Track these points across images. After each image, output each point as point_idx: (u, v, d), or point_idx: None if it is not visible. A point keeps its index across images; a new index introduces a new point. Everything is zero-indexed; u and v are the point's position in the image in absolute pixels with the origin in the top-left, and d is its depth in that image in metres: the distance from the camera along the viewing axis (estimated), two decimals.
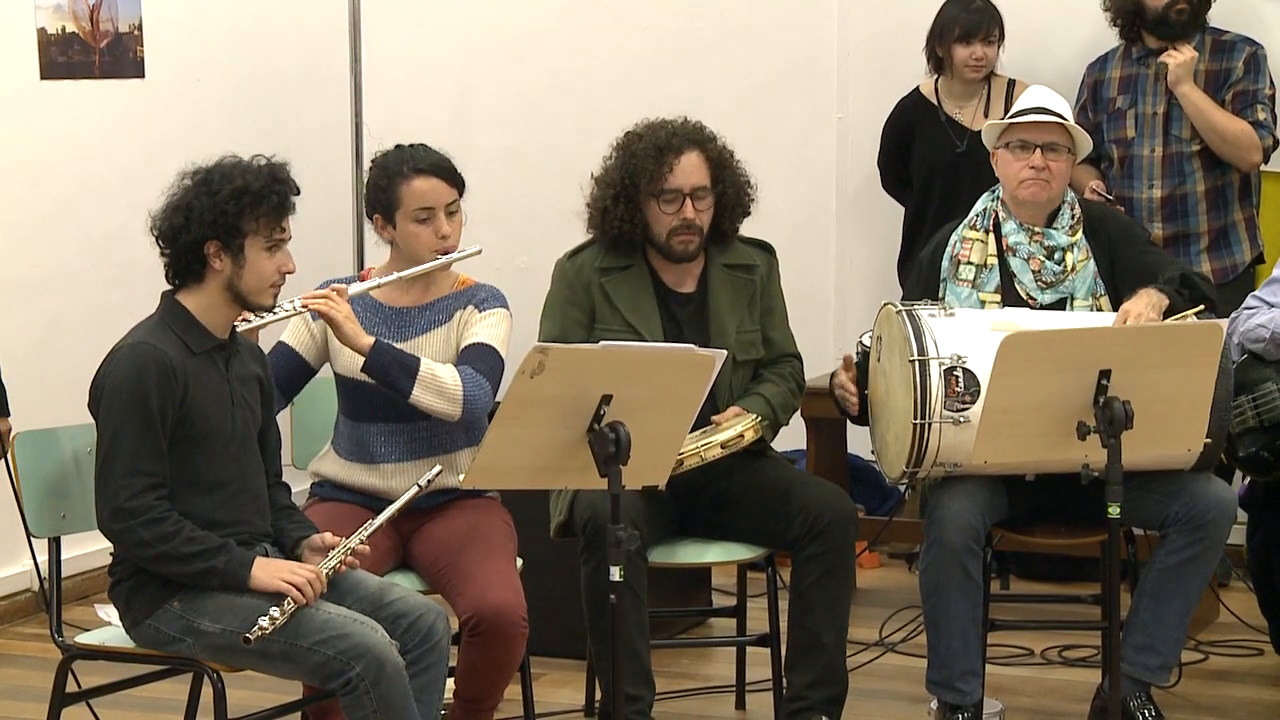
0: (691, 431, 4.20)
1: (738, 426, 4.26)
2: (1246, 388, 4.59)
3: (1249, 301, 4.74)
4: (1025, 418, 3.81)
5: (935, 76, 5.90)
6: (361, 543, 3.78)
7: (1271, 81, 5.54)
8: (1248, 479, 4.88)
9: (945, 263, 4.58)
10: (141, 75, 5.90)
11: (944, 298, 4.53)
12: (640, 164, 4.36)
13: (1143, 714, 4.37)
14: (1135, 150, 5.59)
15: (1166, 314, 4.33)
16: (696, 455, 4.19)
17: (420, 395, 4.04)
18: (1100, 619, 4.40)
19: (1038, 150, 4.47)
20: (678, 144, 4.37)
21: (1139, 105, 5.59)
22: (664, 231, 4.39)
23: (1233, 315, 4.71)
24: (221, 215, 3.65)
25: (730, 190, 4.40)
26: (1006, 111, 5.69)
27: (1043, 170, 4.46)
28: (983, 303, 4.51)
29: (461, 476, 3.82)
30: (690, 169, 4.36)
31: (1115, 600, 4.00)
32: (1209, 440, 4.05)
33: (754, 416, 4.31)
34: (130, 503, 3.61)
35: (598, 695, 4.45)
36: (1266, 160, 5.55)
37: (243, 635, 3.59)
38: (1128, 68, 5.63)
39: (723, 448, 4.22)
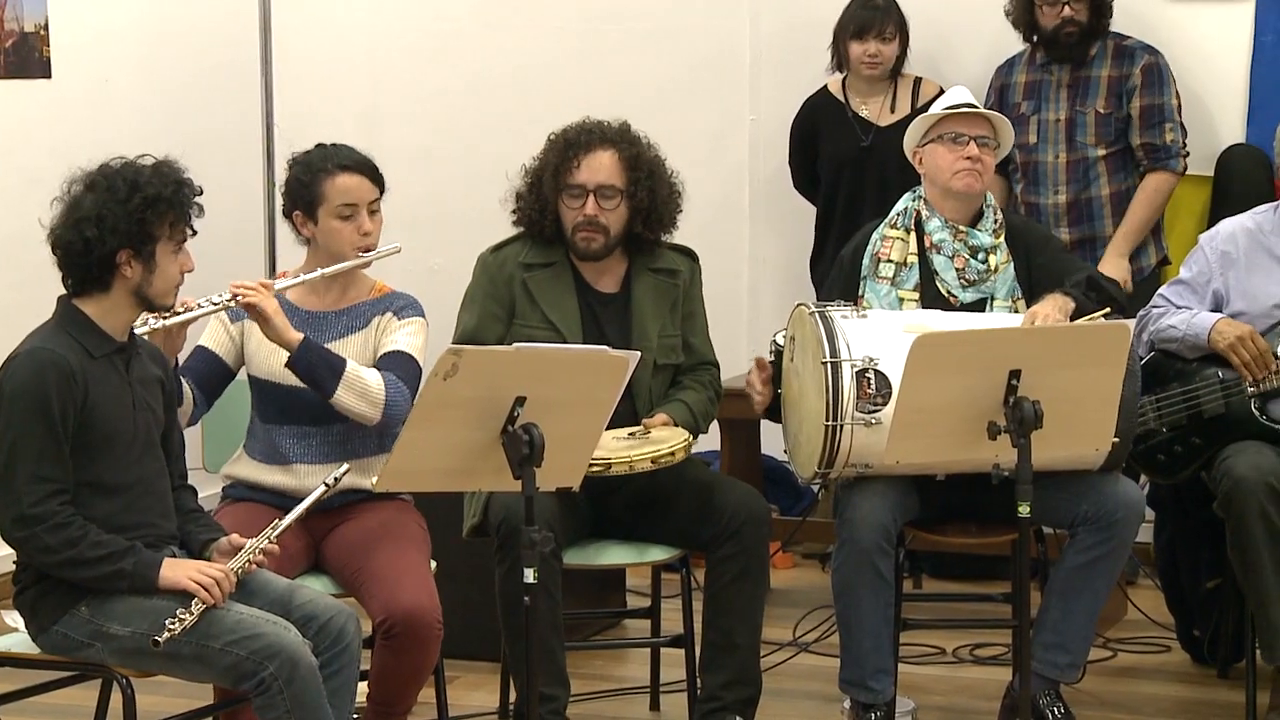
0: (618, 429, 4.21)
1: (671, 444, 4.25)
2: (1151, 389, 4.65)
3: (1156, 300, 4.80)
4: (937, 418, 3.83)
5: (841, 74, 5.93)
6: (270, 542, 3.75)
7: (1176, 91, 5.60)
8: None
9: (866, 260, 4.61)
10: (48, 75, 5.83)
11: (864, 295, 4.56)
12: (549, 158, 4.40)
13: (1052, 711, 4.41)
14: (1039, 156, 5.65)
15: (1074, 316, 4.38)
16: (626, 464, 4.18)
17: (343, 396, 4.03)
18: (1011, 617, 4.43)
19: (971, 141, 4.51)
20: (589, 141, 4.39)
21: (1042, 112, 5.64)
22: (569, 226, 4.40)
23: (1140, 313, 4.77)
24: (137, 224, 3.61)
25: (645, 195, 4.40)
26: (913, 109, 5.75)
27: (976, 162, 4.51)
28: (901, 300, 4.54)
29: (375, 479, 3.80)
30: (598, 167, 4.37)
31: (1025, 599, 4.04)
32: (1117, 440, 4.10)
33: (685, 435, 4.32)
34: (33, 509, 3.56)
35: (513, 697, 4.44)
36: (1184, 171, 5.62)
37: (151, 638, 3.56)
38: (1033, 73, 5.68)
39: (654, 463, 4.21)
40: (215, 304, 3.93)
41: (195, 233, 3.72)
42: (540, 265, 4.44)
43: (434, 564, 4.16)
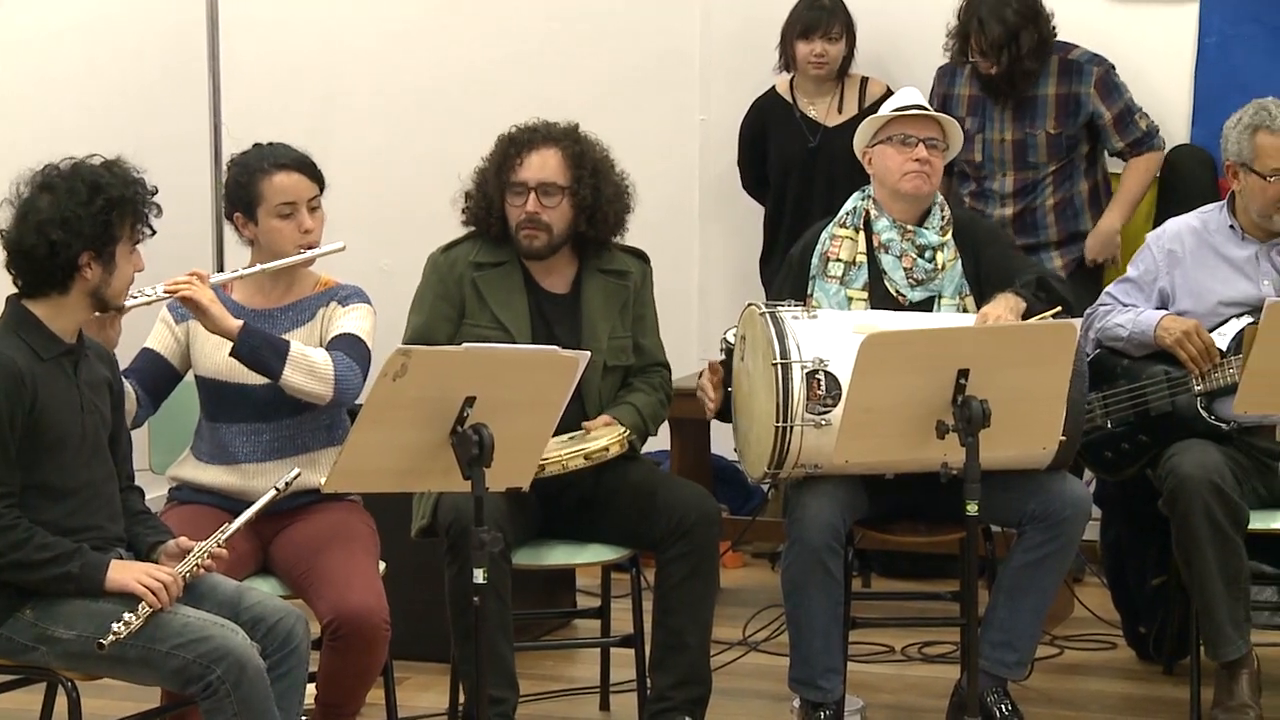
0: (562, 434, 4.21)
1: (604, 439, 4.26)
2: (1098, 386, 4.68)
3: (1103, 299, 4.83)
4: (885, 417, 3.85)
5: (788, 74, 5.95)
6: (219, 546, 3.74)
7: (1124, 84, 5.64)
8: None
9: (815, 260, 4.62)
10: None
11: (813, 295, 4.57)
12: (495, 157, 4.42)
13: (999, 709, 4.43)
14: (986, 177, 5.67)
15: (1024, 316, 4.40)
16: (560, 463, 4.19)
17: (291, 375, 4.01)
18: (959, 615, 4.45)
19: (920, 144, 4.53)
20: (532, 140, 4.40)
21: (988, 131, 5.65)
22: (513, 224, 4.40)
23: (1088, 311, 4.80)
24: (102, 226, 3.60)
25: (588, 193, 4.40)
26: (860, 109, 5.77)
27: (925, 164, 4.53)
28: (850, 300, 4.55)
29: (323, 478, 3.79)
30: (539, 165, 4.38)
31: (973, 597, 4.06)
32: (1064, 438, 4.12)
33: (622, 430, 4.32)
34: None
35: (461, 698, 4.44)
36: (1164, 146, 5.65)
37: (97, 641, 3.54)
38: (976, 89, 5.69)
39: (587, 459, 4.22)
40: (149, 297, 3.91)
41: (154, 232, 3.71)
42: (490, 265, 4.44)
43: (383, 565, 4.15)
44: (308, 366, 4.03)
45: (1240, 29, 5.79)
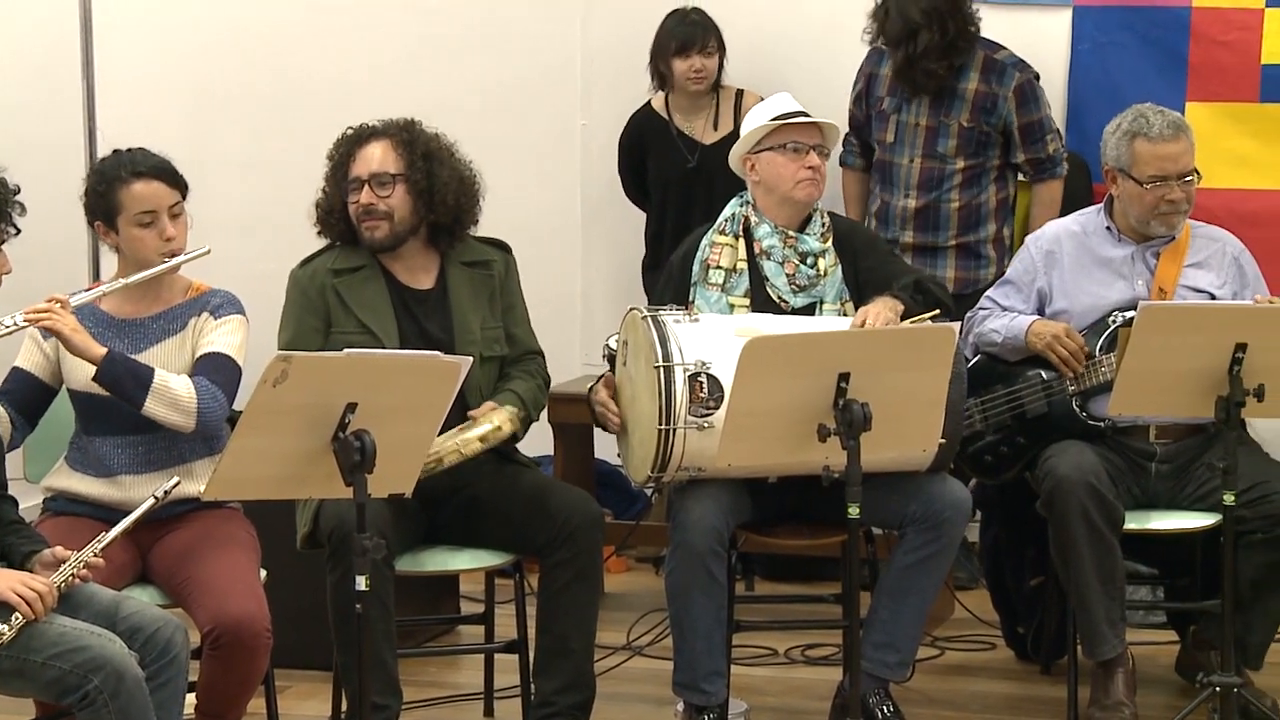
0: (447, 429, 4.20)
1: (495, 419, 4.27)
2: (976, 391, 4.73)
3: (983, 302, 4.88)
4: (768, 421, 3.86)
5: (664, 92, 5.96)
6: (96, 555, 3.69)
7: (1047, 101, 5.67)
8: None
9: (695, 267, 4.63)
10: None
11: (694, 302, 4.58)
12: (332, 160, 4.45)
13: (881, 710, 4.47)
14: (894, 157, 5.69)
15: (902, 318, 4.44)
16: (456, 452, 4.19)
17: (153, 407, 3.97)
18: (841, 618, 4.48)
19: (811, 151, 4.55)
20: (361, 137, 4.44)
21: (903, 113, 5.67)
22: (356, 222, 4.42)
23: (967, 315, 4.85)
24: None
25: (422, 177, 4.39)
26: (736, 124, 5.78)
27: (816, 170, 4.55)
28: (732, 306, 4.57)
29: (202, 486, 3.75)
30: (370, 157, 4.40)
31: (855, 599, 4.09)
32: (944, 441, 4.16)
33: (510, 408, 4.32)
34: None
35: (344, 706, 4.40)
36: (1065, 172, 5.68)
37: None
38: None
39: (482, 441, 4.22)
40: (9, 327, 3.84)
41: (19, 231, 3.65)
42: (349, 270, 4.43)
43: (264, 573, 4.11)
44: (171, 398, 3.99)
45: (1112, 36, 5.89)
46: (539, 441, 5.24)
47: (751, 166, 4.62)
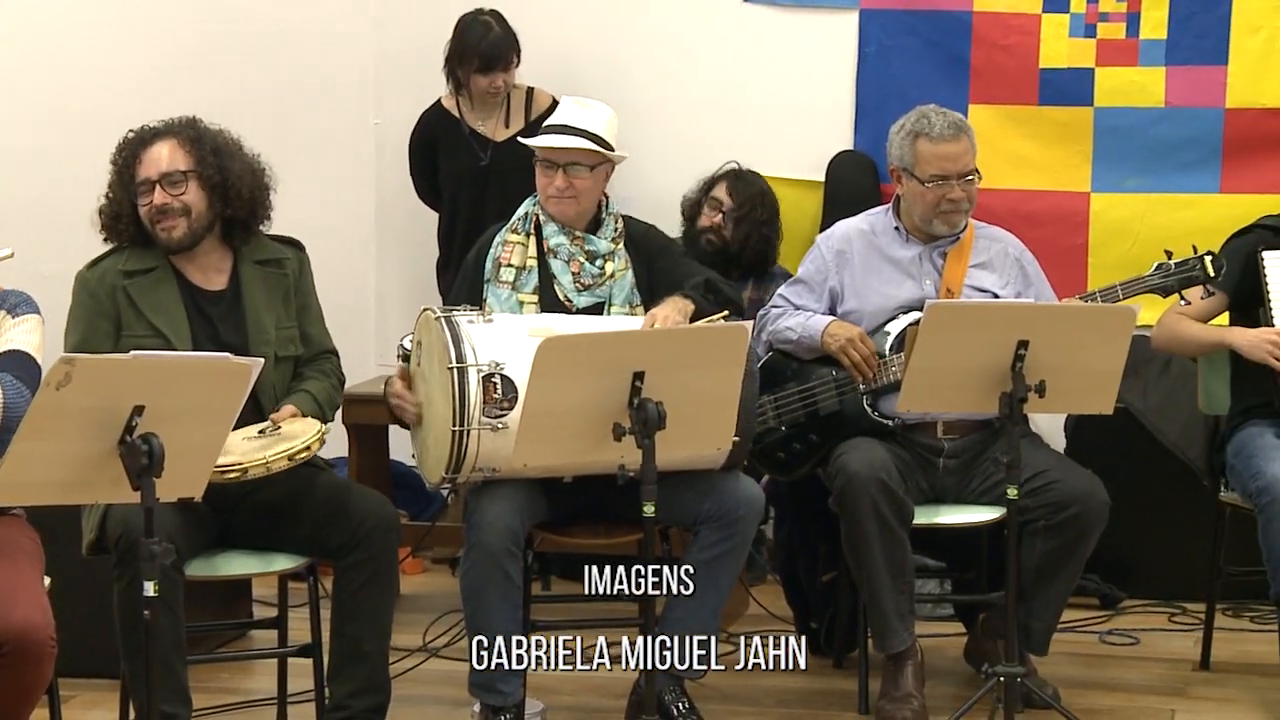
0: (246, 428, 4.14)
1: (304, 439, 4.21)
2: (770, 388, 4.79)
3: (775, 300, 4.94)
4: (563, 420, 3.87)
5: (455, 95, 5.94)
6: None
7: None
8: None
9: (488, 265, 4.63)
10: None
11: (486, 299, 4.58)
12: (115, 164, 4.38)
13: (677, 706, 4.50)
14: None
15: (694, 318, 4.48)
16: (263, 466, 4.12)
17: None
18: (637, 616, 4.50)
19: (560, 170, 4.56)
20: (144, 138, 4.38)
21: None
22: (149, 224, 4.35)
23: (760, 313, 4.91)
24: None
25: (214, 172, 4.35)
26: (527, 121, 5.79)
27: (567, 189, 4.57)
28: (521, 305, 4.58)
29: None
30: (157, 158, 4.35)
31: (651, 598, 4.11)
32: (738, 439, 4.21)
33: (319, 426, 4.28)
34: None
35: (132, 715, 4.32)
36: None
37: None
38: None
39: (290, 460, 4.16)
40: None
41: None
42: (141, 272, 4.36)
43: (48, 580, 4.02)
44: None
45: (897, 40, 6.00)
46: (334, 443, 5.19)
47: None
